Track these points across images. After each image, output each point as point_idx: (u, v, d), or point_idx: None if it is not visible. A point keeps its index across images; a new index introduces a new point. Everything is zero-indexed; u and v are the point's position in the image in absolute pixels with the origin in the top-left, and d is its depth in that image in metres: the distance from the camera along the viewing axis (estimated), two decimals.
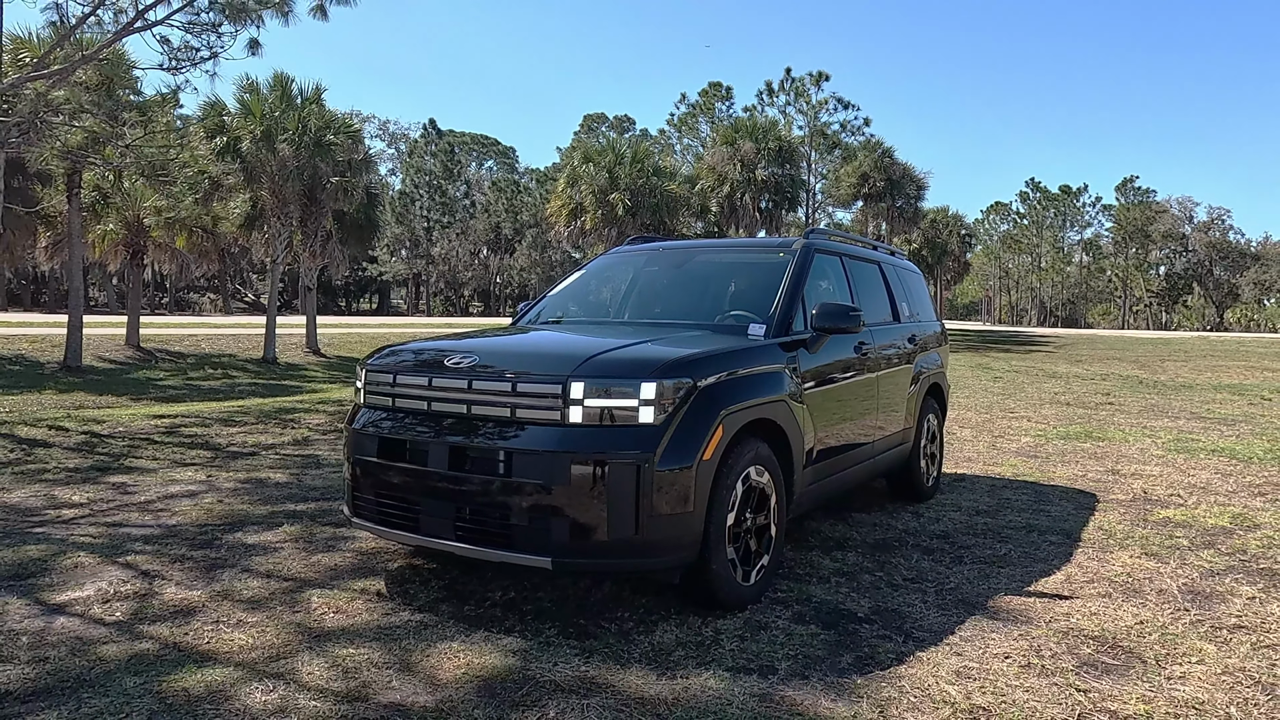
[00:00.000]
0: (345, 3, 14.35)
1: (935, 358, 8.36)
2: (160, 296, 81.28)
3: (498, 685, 3.91)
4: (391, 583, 5.28)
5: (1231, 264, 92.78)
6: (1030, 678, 4.12)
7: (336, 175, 29.11)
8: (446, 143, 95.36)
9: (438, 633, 4.51)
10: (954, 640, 4.58)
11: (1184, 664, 4.33)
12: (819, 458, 5.85)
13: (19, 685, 3.83)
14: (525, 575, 5.38)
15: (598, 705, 3.73)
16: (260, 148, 27.41)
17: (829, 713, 3.73)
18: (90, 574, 5.35)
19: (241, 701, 3.71)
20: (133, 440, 10.04)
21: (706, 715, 3.67)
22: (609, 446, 4.42)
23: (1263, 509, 7.71)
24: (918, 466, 7.76)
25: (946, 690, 3.97)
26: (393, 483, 4.90)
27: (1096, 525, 7.06)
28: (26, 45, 18.48)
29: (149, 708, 3.64)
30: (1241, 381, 22.79)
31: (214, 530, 6.41)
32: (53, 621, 4.58)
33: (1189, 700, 3.93)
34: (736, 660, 4.24)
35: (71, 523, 6.58)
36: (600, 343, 5.07)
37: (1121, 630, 4.75)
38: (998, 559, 6.08)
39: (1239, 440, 11.94)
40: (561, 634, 4.53)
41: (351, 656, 4.19)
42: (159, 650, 4.23)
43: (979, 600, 5.21)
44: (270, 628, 4.54)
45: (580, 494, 4.37)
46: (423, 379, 4.96)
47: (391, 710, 3.66)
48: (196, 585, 5.18)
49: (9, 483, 7.91)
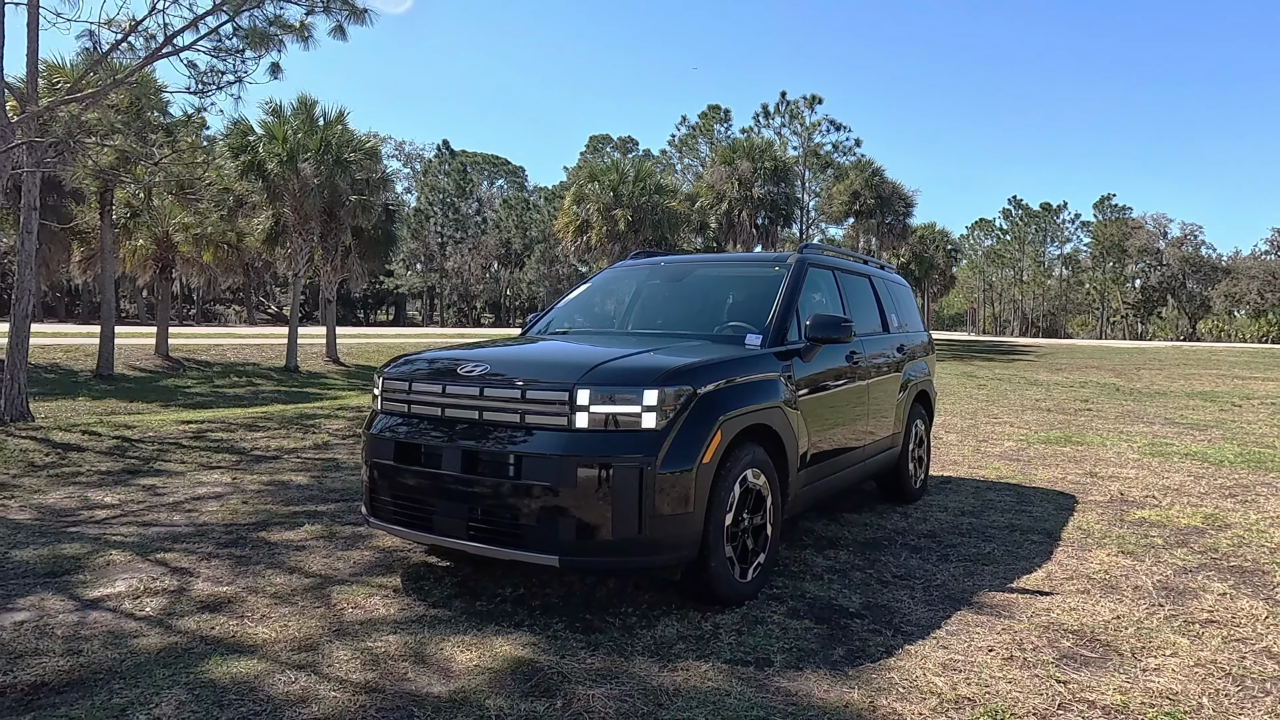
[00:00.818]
0: (362, 22, 14.35)
1: (923, 366, 8.36)
2: (188, 308, 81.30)
3: (508, 676, 3.91)
4: (408, 579, 5.29)
5: (1203, 277, 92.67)
6: (1013, 669, 4.13)
7: (355, 193, 29.17)
8: (459, 162, 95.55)
9: (451, 626, 4.51)
10: (940, 634, 4.58)
11: (1158, 656, 4.33)
12: (812, 461, 5.86)
13: (54, 677, 3.85)
14: (534, 572, 5.38)
15: (603, 695, 3.73)
16: (283, 167, 27.47)
17: (822, 703, 3.73)
18: (122, 571, 5.36)
19: (266, 691, 3.72)
20: (162, 444, 10.05)
21: (706, 705, 3.67)
22: (613, 450, 4.43)
23: (1233, 510, 7.70)
24: (906, 469, 7.76)
25: (934, 681, 3.97)
26: (408, 485, 4.91)
27: (1076, 525, 7.06)
28: (60, 71, 18.54)
29: (178, 698, 3.64)
30: (1213, 389, 22.76)
31: (240, 530, 6.42)
32: (87, 616, 4.60)
33: (1163, 691, 3.93)
34: (734, 653, 4.25)
35: (104, 522, 6.59)
36: (605, 352, 5.08)
37: (1099, 624, 4.75)
38: (982, 557, 6.08)
39: (1210, 444, 11.93)
40: (568, 628, 4.53)
41: (370, 649, 4.20)
42: (188, 643, 4.24)
43: (964, 596, 5.21)
44: (293, 621, 4.55)
45: (586, 495, 4.38)
46: (437, 386, 4.97)
47: (408, 699, 3.67)
48: (224, 582, 5.19)
49: (45, 484, 7.92)
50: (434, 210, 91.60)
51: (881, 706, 3.71)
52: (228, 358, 31.21)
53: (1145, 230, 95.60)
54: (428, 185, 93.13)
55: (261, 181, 27.75)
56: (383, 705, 3.61)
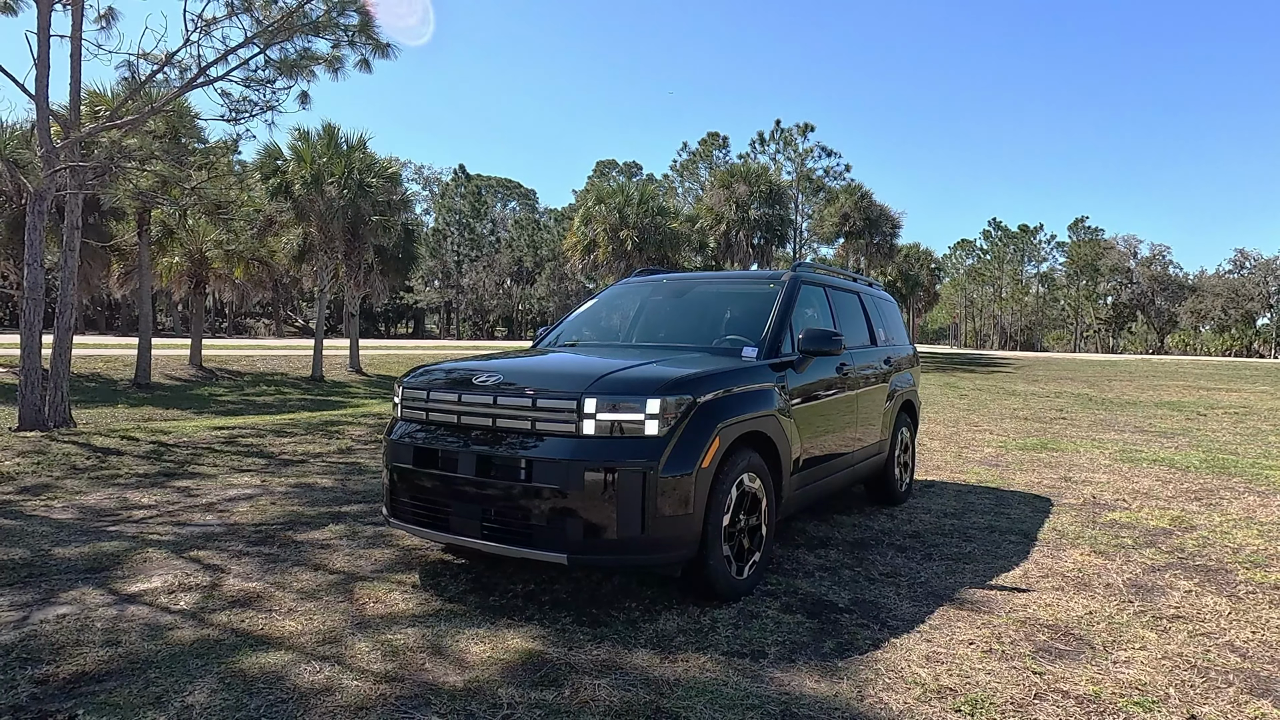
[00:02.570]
0: (386, 55, 14.41)
1: (908, 377, 8.35)
2: (220, 321, 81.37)
3: (519, 667, 3.92)
4: (425, 576, 5.29)
5: (1171, 294, 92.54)
6: (992, 661, 4.12)
7: (376, 214, 29.21)
8: (474, 185, 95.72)
9: (466, 620, 4.52)
10: (924, 628, 4.57)
11: (1128, 649, 4.33)
12: (804, 466, 5.85)
13: (94, 666, 3.85)
14: (543, 570, 5.38)
15: (608, 684, 3.73)
16: (310, 189, 27.53)
17: (813, 692, 3.74)
18: (159, 567, 5.37)
19: (293, 681, 3.72)
20: (196, 449, 10.06)
21: (705, 694, 3.67)
22: (618, 455, 4.43)
23: (1198, 512, 7.69)
24: (892, 474, 7.75)
25: (917, 672, 3.97)
26: (426, 487, 4.91)
27: (1051, 526, 7.05)
28: (102, 99, 18.62)
29: (210, 686, 3.65)
30: (1180, 399, 22.71)
31: (268, 529, 6.42)
32: (125, 610, 4.60)
33: (1133, 682, 3.93)
34: (731, 645, 4.25)
35: (141, 522, 6.60)
36: (611, 363, 5.09)
37: (1072, 619, 4.75)
38: (964, 556, 6.08)
39: (1178, 451, 11.90)
40: (576, 621, 4.54)
41: (390, 641, 4.20)
42: (219, 635, 4.25)
43: (947, 593, 5.21)
44: (319, 616, 4.55)
45: (593, 498, 4.38)
46: (453, 395, 4.98)
47: (425, 689, 3.67)
48: (253, 578, 5.19)
49: (86, 486, 7.93)
50: (451, 230, 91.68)
51: (869, 696, 3.71)
52: (257, 368, 31.22)
53: (1117, 250, 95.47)
54: (445, 207, 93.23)
55: (290, 202, 27.82)
56: (402, 694, 3.62)
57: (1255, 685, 3.96)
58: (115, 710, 3.46)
